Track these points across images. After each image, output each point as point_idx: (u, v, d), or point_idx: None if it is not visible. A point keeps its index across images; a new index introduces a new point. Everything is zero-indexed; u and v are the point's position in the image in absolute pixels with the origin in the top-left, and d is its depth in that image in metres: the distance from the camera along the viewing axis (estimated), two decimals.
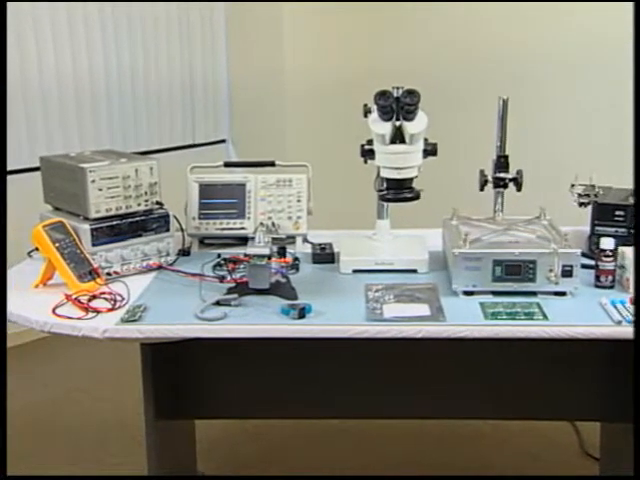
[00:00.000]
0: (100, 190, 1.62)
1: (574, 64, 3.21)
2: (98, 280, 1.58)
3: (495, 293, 1.52)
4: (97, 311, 1.45)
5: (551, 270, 1.48)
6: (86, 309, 1.46)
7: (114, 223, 1.65)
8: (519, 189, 1.73)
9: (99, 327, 1.40)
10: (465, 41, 3.46)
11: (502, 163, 1.75)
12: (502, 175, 1.74)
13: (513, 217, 1.75)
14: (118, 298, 1.51)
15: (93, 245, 1.61)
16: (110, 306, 1.48)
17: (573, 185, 1.80)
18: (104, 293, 1.54)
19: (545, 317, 1.41)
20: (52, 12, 3.07)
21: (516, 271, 1.50)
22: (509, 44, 3.33)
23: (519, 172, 1.74)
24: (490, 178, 1.75)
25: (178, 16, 3.56)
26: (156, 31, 3.48)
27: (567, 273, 1.48)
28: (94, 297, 1.52)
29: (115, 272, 1.65)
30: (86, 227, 1.61)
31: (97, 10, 3.23)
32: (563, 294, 1.50)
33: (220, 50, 3.81)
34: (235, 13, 3.78)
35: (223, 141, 3.92)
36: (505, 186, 1.75)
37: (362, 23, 3.75)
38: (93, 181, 1.61)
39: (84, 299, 1.50)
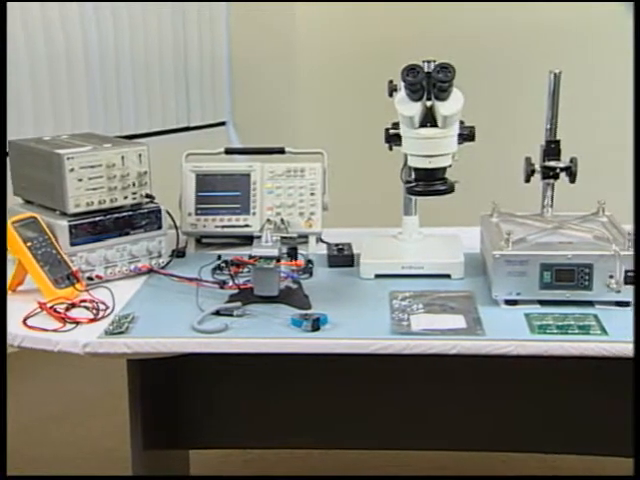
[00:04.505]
0: (80, 181, 1.64)
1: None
2: (77, 285, 1.59)
3: (543, 303, 1.52)
4: (76, 322, 1.47)
5: (611, 276, 1.48)
6: (63, 319, 1.48)
7: (96, 219, 1.67)
8: (573, 180, 1.73)
9: (79, 341, 1.41)
10: (508, 6, 3.45)
11: (553, 149, 1.75)
12: (552, 164, 1.74)
13: (565, 213, 1.76)
14: (101, 307, 1.52)
15: (72, 245, 1.63)
16: (92, 316, 1.50)
17: None
18: (85, 301, 1.55)
19: (604, 332, 1.42)
20: None
21: (569, 277, 1.50)
22: (561, 8, 3.32)
23: (573, 160, 1.74)
24: (538, 167, 1.75)
25: None
26: None
27: (631, 280, 1.48)
28: (73, 305, 1.54)
29: (98, 276, 1.67)
30: (64, 224, 1.63)
31: None
32: (626, 304, 1.50)
33: (219, 16, 3.82)
34: None
35: (223, 124, 3.94)
36: (556, 177, 1.75)
37: None
38: (72, 170, 1.63)
39: (61, 308, 1.52)
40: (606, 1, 3.11)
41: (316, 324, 1.43)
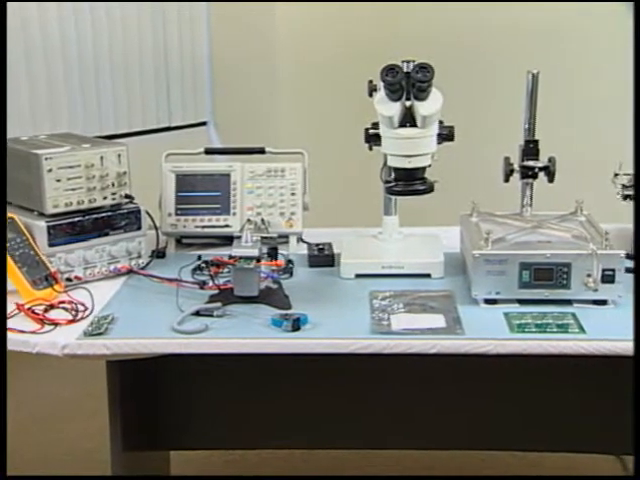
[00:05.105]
0: (58, 181, 1.63)
1: (617, 31, 3.22)
2: (56, 287, 1.59)
3: (522, 302, 1.53)
4: (55, 323, 1.47)
5: (589, 275, 1.49)
6: (42, 321, 1.47)
7: (75, 220, 1.66)
8: (551, 180, 1.75)
9: (57, 342, 1.41)
10: (487, 6, 3.47)
11: (531, 149, 1.76)
12: (531, 163, 1.75)
13: (544, 213, 1.77)
14: (80, 308, 1.52)
15: (50, 245, 1.63)
16: (71, 317, 1.49)
17: (616, 175, 1.81)
18: (63, 302, 1.55)
19: (582, 330, 1.43)
20: None
21: (547, 276, 1.51)
22: (539, 7, 3.34)
23: (551, 160, 1.75)
24: (517, 167, 1.76)
25: None
26: None
27: (608, 278, 1.50)
28: (51, 307, 1.53)
29: (77, 277, 1.66)
30: (42, 224, 1.62)
31: None
32: (603, 303, 1.52)
33: (200, 16, 3.81)
34: None
35: (204, 124, 3.93)
36: (534, 176, 1.76)
37: None
38: (50, 170, 1.62)
39: (39, 309, 1.51)
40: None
41: (296, 324, 1.43)
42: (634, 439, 1.25)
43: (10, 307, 1.51)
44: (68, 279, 1.64)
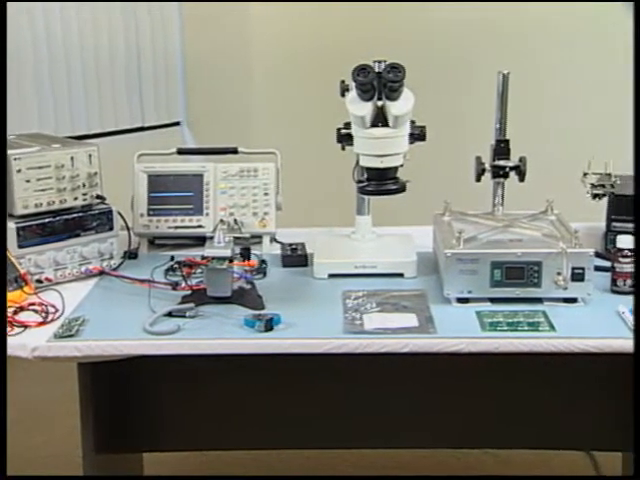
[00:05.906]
0: (28, 182, 1.62)
1: (587, 32, 3.25)
2: (26, 288, 1.57)
3: (494, 300, 1.54)
4: (25, 326, 1.45)
5: (559, 273, 1.50)
6: (11, 323, 1.45)
7: (46, 221, 1.65)
8: (522, 179, 1.76)
9: (27, 345, 1.39)
10: (458, 6, 3.48)
11: (502, 149, 1.77)
12: (502, 163, 1.76)
13: (515, 212, 1.78)
14: (51, 310, 1.51)
15: (20, 247, 1.61)
16: (41, 319, 1.48)
17: (586, 174, 1.83)
18: (33, 304, 1.53)
19: (552, 328, 1.44)
20: None
21: (518, 275, 1.52)
22: (510, 7, 3.36)
23: (522, 159, 1.76)
24: (488, 166, 1.77)
25: None
26: None
27: (578, 276, 1.51)
28: (21, 309, 1.52)
29: (47, 279, 1.64)
30: (11, 226, 1.61)
31: None
32: (573, 301, 1.53)
33: (172, 15, 3.79)
34: None
35: (177, 124, 3.91)
36: (506, 176, 1.77)
37: None
38: (19, 171, 1.60)
39: (9, 312, 1.49)
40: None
41: (269, 324, 1.43)
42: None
43: None
44: (38, 281, 1.63)
